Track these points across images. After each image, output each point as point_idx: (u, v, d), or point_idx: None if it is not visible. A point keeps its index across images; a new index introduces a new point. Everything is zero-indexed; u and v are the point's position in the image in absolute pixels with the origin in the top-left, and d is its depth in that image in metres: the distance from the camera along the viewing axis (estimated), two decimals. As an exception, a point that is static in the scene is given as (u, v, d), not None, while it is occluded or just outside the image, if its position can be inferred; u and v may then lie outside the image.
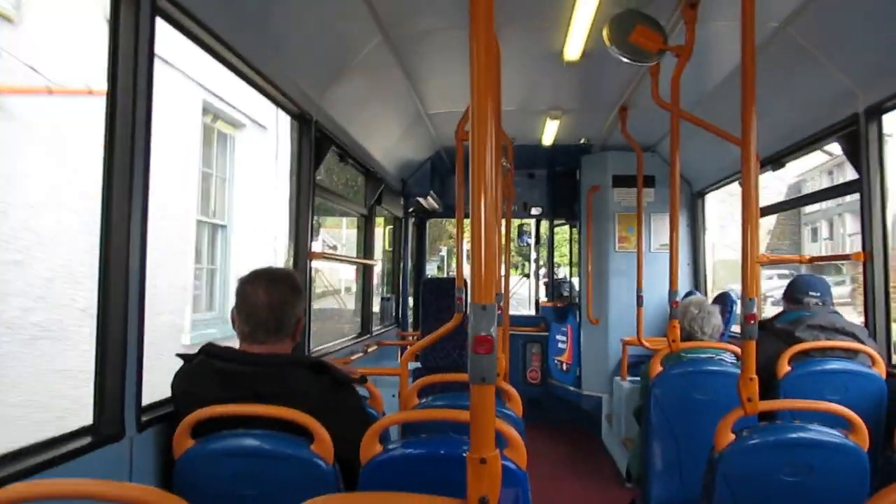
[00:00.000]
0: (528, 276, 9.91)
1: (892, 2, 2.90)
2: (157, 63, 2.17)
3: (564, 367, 7.10)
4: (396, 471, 1.93)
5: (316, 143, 3.81)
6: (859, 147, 3.48)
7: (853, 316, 3.76)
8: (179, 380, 2.25)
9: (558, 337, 7.29)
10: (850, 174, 3.61)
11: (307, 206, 3.71)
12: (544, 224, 8.46)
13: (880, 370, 3.17)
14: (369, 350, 5.14)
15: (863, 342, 3.25)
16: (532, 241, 8.38)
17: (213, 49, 2.67)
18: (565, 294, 7.98)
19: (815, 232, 29.21)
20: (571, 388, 6.93)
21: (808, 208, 27.00)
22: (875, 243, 3.43)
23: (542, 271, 9.31)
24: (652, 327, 5.80)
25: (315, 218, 3.88)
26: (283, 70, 3.27)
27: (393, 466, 1.93)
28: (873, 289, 3.44)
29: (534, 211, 7.86)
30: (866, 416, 2.52)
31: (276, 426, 2.04)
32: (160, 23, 2.22)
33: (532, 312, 8.51)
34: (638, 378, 4.21)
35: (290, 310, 2.28)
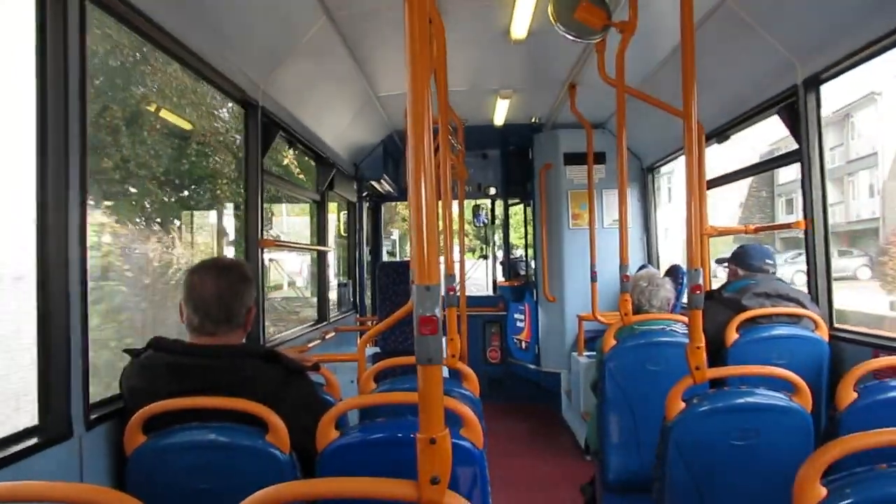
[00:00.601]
0: (485, 257, 9.95)
1: None
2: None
3: (523, 345, 7.18)
4: (353, 456, 1.92)
5: (263, 128, 3.75)
6: (799, 118, 3.57)
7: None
8: (128, 375, 2.21)
9: (516, 316, 7.36)
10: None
11: (256, 193, 3.65)
12: (500, 204, 8.50)
13: (823, 334, 3.28)
14: (327, 337, 5.11)
15: (806, 307, 3.36)
16: (488, 221, 8.41)
17: (149, 34, 2.60)
18: (522, 273, 8.04)
19: (789, 203, 29.36)
20: (531, 366, 7.01)
21: (783, 178, 27.15)
22: (816, 211, 3.53)
23: (500, 252, 9.37)
24: (607, 302, 5.88)
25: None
26: (225, 55, 3.20)
27: (350, 452, 1.92)
28: (814, 255, 3.55)
29: (489, 191, 7.89)
30: (811, 379, 2.61)
31: (229, 418, 2.01)
32: (91, 8, 2.15)
33: (490, 293, 8.56)
34: (595, 353, 4.28)
35: (240, 300, 2.25)
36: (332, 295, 6.28)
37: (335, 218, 6.89)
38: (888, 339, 3.13)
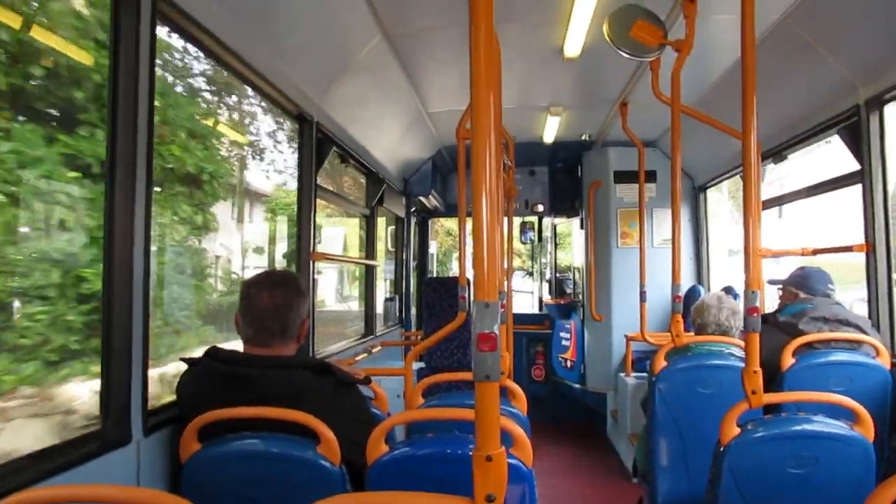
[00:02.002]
0: (531, 274, 9.91)
1: None
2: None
3: (568, 364, 7.10)
4: (403, 471, 1.93)
5: (317, 144, 3.82)
6: (860, 138, 3.48)
7: None
8: (185, 384, 2.26)
9: (562, 334, 7.29)
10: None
11: (309, 207, 3.71)
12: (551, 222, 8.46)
13: (884, 361, 3.17)
14: (374, 351, 5.14)
15: (866, 333, 3.25)
16: (535, 238, 8.38)
17: (213, 51, 2.68)
18: (569, 291, 7.98)
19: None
20: (576, 385, 6.93)
21: None
22: (878, 234, 3.42)
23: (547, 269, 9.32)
24: (656, 322, 5.79)
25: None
26: (283, 71, 3.28)
27: (399, 466, 1.93)
28: (876, 280, 3.43)
29: (537, 208, 7.87)
30: (871, 407, 2.52)
31: (282, 429, 2.04)
32: (161, 27, 2.23)
33: (536, 310, 8.51)
34: (643, 374, 4.21)
35: (294, 312, 2.29)
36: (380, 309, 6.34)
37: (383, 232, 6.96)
38: None
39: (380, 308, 6.39)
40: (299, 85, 3.48)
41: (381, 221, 6.31)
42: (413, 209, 7.14)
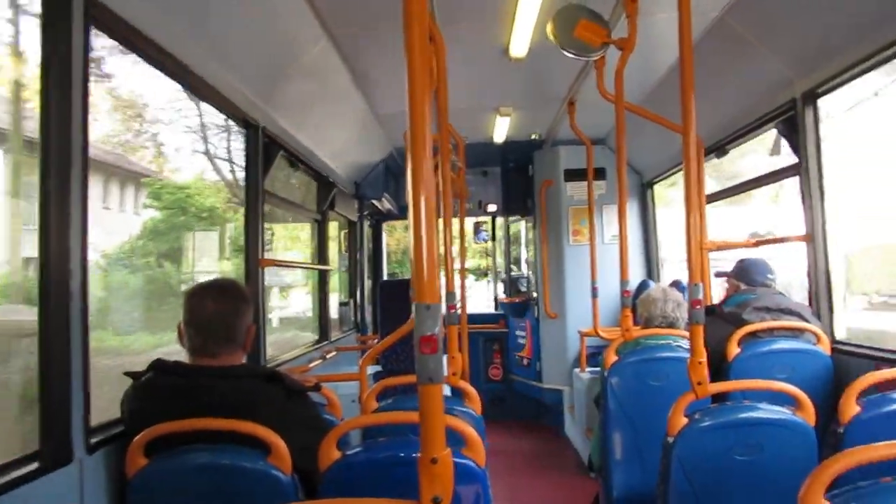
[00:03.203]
0: (485, 274, 9.96)
1: None
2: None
3: (525, 362, 7.15)
4: (356, 476, 1.91)
5: (264, 148, 3.77)
6: (797, 132, 3.58)
7: None
8: (129, 398, 2.20)
9: (518, 332, 7.34)
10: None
11: (256, 213, 3.66)
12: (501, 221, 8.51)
13: (825, 347, 3.28)
14: (328, 356, 5.10)
15: (807, 321, 3.35)
16: (488, 238, 8.42)
17: (152, 57, 2.62)
18: (523, 290, 8.03)
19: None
20: (533, 383, 6.99)
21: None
22: (816, 225, 3.53)
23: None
24: (608, 317, 5.87)
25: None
26: (226, 76, 3.22)
27: (352, 472, 1.91)
28: (816, 269, 3.54)
29: (489, 208, 7.90)
30: (813, 393, 2.59)
31: (231, 440, 2.00)
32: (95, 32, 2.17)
33: (492, 310, 8.55)
34: (597, 369, 4.26)
35: (240, 319, 2.25)
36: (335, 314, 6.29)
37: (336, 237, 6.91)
38: (890, 351, 3.12)
39: (334, 313, 6.34)
40: (243, 90, 3.43)
41: (333, 225, 6.27)
42: (366, 212, 7.10)
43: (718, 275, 4.19)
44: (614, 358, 3.34)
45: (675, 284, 5.16)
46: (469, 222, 8.01)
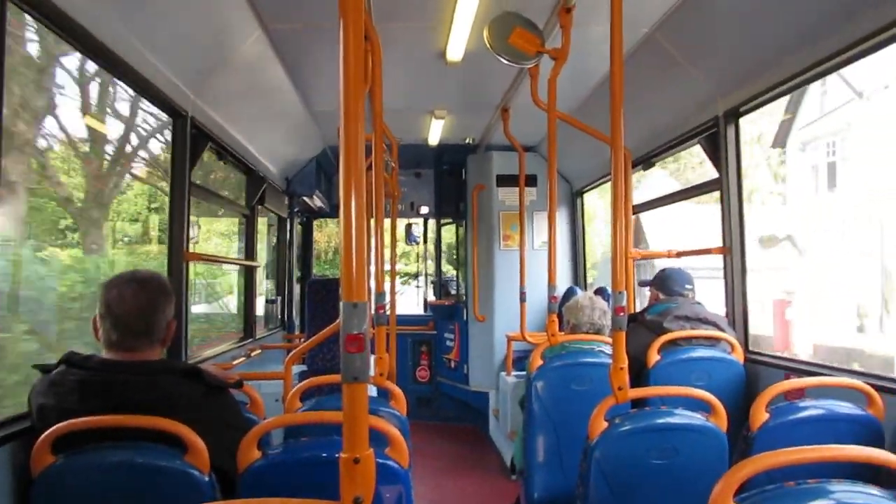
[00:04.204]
0: (416, 276, 9.96)
1: (746, 14, 3.13)
2: None
3: (452, 364, 7.19)
4: (276, 477, 1.88)
5: (192, 140, 3.66)
6: (719, 148, 3.73)
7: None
8: (38, 392, 2.09)
9: (446, 335, 7.38)
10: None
11: (183, 205, 3.56)
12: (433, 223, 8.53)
13: (739, 356, 3.42)
14: (253, 354, 4.99)
15: (724, 330, 3.49)
16: (420, 240, 8.43)
17: (76, 36, 2.51)
18: (453, 293, 8.07)
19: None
20: (459, 385, 7.03)
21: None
22: (734, 238, 3.68)
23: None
24: (536, 322, 5.96)
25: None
26: (154, 62, 3.12)
27: (272, 473, 1.88)
28: (732, 281, 3.69)
29: (421, 210, 7.91)
30: (727, 399, 2.70)
31: (147, 437, 1.93)
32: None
33: (422, 311, 8.56)
34: (523, 373, 4.32)
35: (160, 314, 2.17)
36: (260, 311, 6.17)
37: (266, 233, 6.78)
38: (798, 362, 3.29)
39: (261, 310, 6.21)
40: (171, 77, 3.33)
41: (263, 221, 6.15)
42: (296, 209, 7.00)
43: (642, 284, 4.32)
44: (539, 362, 3.39)
45: (600, 292, 5.29)
46: (401, 224, 8.00)
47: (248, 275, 5.61)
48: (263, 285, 6.88)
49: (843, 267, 17.70)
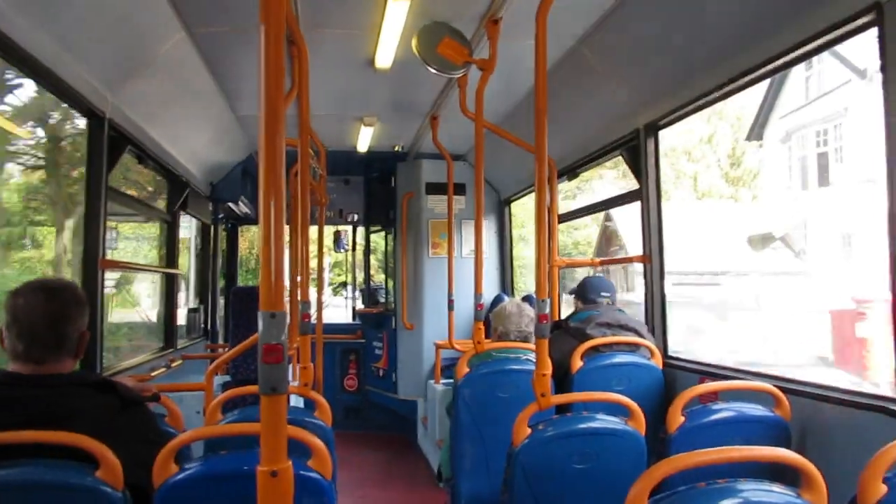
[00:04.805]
0: (345, 284, 9.88)
1: (664, 32, 3.25)
2: None
3: (381, 373, 7.15)
4: (193, 491, 1.82)
5: (110, 142, 3.53)
6: (639, 160, 3.85)
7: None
8: None
9: (375, 343, 7.34)
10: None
11: (98, 210, 3.42)
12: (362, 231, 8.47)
13: (657, 361, 3.53)
14: (174, 365, 4.84)
15: (643, 336, 3.60)
16: (349, 247, 8.36)
17: None
18: (382, 301, 8.04)
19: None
20: (388, 394, 7.00)
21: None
22: (653, 247, 3.80)
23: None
24: (465, 330, 6.00)
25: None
26: (69, 61, 2.99)
27: (189, 487, 1.82)
28: (652, 289, 3.81)
29: (350, 217, 7.84)
30: (646, 403, 2.78)
31: (57, 454, 1.84)
32: None
33: (350, 320, 8.49)
34: (451, 380, 4.34)
35: (72, 324, 2.08)
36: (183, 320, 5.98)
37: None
38: (712, 366, 3.41)
39: (183, 319, 6.03)
40: (87, 77, 3.20)
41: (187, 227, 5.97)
42: (221, 215, 6.83)
43: (571, 292, 4.40)
44: (466, 370, 3.41)
45: (528, 299, 5.37)
46: (330, 231, 7.93)
47: (169, 283, 5.44)
48: (186, 293, 6.70)
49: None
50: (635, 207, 3.96)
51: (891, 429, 2.14)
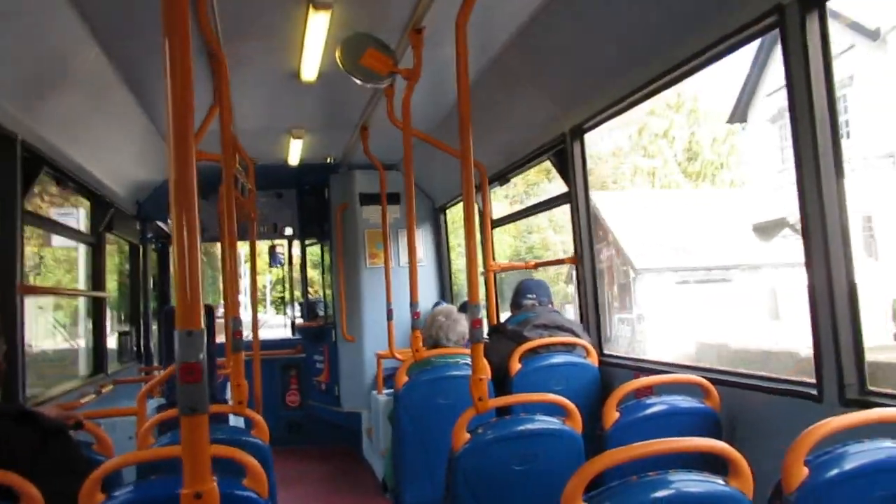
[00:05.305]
0: (282, 300, 9.73)
1: (583, 38, 3.33)
2: None
3: (323, 386, 7.07)
4: None
5: (24, 164, 3.40)
6: (566, 163, 3.93)
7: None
8: None
9: (316, 357, 7.25)
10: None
11: (14, 235, 3.28)
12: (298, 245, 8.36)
13: (593, 360, 3.60)
14: (104, 390, 4.67)
15: (579, 336, 3.66)
16: (284, 262, 8.24)
17: None
18: (321, 314, 7.94)
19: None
20: (331, 408, 6.92)
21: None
22: (584, 248, 3.88)
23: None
24: (406, 339, 5.98)
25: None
26: None
27: None
28: (584, 288, 3.89)
29: (285, 231, 7.73)
30: (584, 401, 2.83)
31: None
32: None
33: (289, 335, 8.36)
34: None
35: None
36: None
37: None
38: (646, 361, 3.51)
39: (113, 343, 5.84)
40: None
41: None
42: (150, 235, 6.64)
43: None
44: (405, 378, 3.41)
45: (463, 307, 5.40)
46: (264, 247, 7.81)
47: (97, 306, 5.25)
48: (115, 316, 6.48)
49: None
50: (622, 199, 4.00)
51: (812, 413, 2.23)
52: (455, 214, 7.27)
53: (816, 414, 2.00)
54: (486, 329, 4.55)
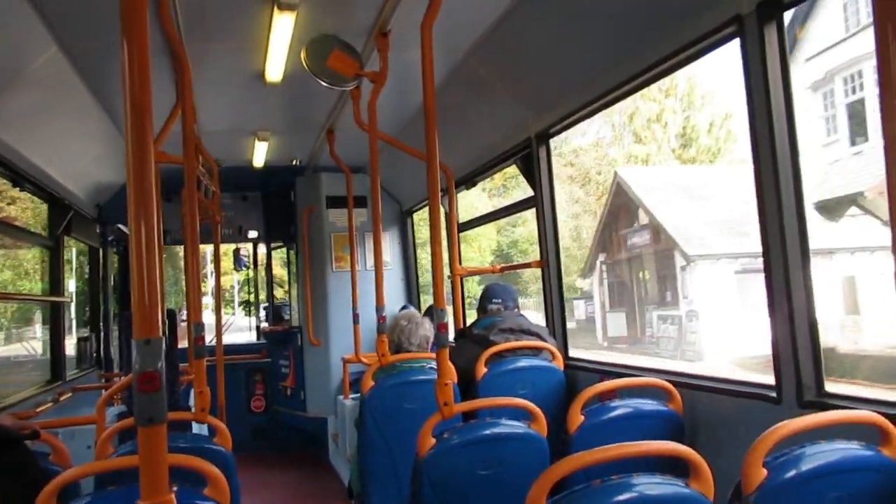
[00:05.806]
0: (248, 303, 9.61)
1: (549, 44, 3.36)
2: None
3: (289, 391, 7.00)
4: None
5: None
6: (532, 167, 3.95)
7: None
8: None
9: (281, 362, 7.17)
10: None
11: None
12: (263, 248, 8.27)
13: (559, 363, 3.62)
14: (62, 398, 4.56)
15: (545, 340, 3.68)
16: (249, 265, 8.14)
17: None
18: (286, 318, 7.87)
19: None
20: (297, 413, 6.85)
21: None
22: (550, 252, 3.90)
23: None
24: (372, 343, 5.94)
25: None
26: None
27: None
28: (550, 292, 3.91)
29: (250, 234, 7.64)
30: (550, 405, 2.84)
31: None
32: None
33: (254, 339, 8.26)
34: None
35: None
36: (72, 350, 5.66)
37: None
38: (611, 364, 3.53)
39: (72, 349, 5.70)
40: None
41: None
42: (111, 238, 6.50)
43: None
44: (371, 383, 3.38)
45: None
46: (228, 250, 7.70)
47: (55, 312, 5.13)
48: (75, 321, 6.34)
49: None
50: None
51: (772, 415, 2.27)
52: (422, 218, 7.26)
53: (776, 416, 2.03)
54: (452, 333, 4.61)
